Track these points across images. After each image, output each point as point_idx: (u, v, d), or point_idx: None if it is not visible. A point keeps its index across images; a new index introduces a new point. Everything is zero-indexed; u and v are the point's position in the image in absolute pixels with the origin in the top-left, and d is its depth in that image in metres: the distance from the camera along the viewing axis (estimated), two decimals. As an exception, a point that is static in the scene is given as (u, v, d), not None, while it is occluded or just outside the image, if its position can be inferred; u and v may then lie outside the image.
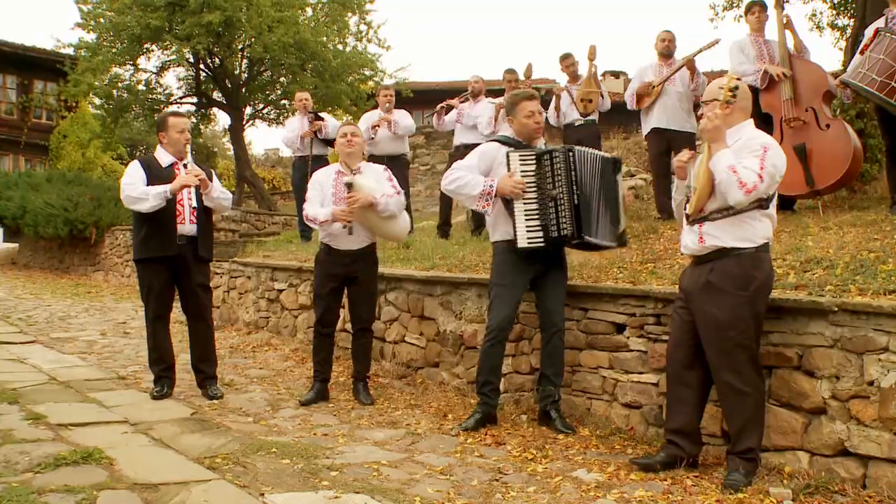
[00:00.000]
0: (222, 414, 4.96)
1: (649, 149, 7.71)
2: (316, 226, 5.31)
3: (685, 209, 3.86)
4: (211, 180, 5.38)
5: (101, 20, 14.35)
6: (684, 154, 3.99)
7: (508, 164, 4.53)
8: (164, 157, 5.31)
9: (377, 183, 5.30)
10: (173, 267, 5.29)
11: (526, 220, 4.48)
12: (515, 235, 4.49)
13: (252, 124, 19.01)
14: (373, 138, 8.69)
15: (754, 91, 6.41)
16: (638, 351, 4.45)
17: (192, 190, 5.24)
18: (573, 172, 4.49)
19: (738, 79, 3.85)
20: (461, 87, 8.74)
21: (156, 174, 5.22)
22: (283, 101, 17.57)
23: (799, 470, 3.61)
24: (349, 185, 5.11)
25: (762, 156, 3.60)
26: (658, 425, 4.30)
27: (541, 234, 4.48)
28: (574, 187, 4.48)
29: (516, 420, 4.78)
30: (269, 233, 12.67)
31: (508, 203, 4.53)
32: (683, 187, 3.99)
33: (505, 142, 4.73)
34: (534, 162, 4.53)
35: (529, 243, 4.48)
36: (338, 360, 6.29)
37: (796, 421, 3.67)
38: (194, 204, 5.27)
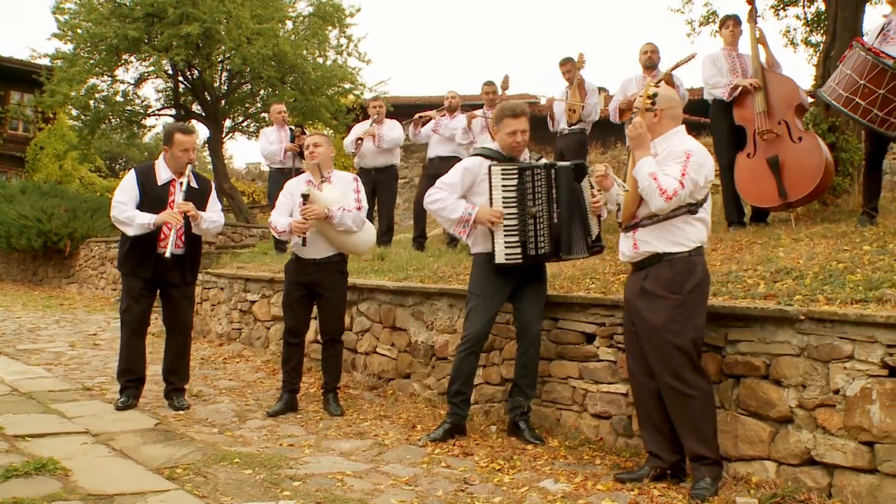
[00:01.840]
0: (187, 425, 4.87)
1: (629, 162, 7.70)
2: (276, 234, 5.32)
3: (617, 218, 3.90)
4: (209, 196, 5.36)
5: (79, 31, 14.20)
6: (601, 167, 4.01)
7: (490, 178, 4.49)
8: (162, 171, 5.26)
9: (342, 194, 5.26)
10: (157, 281, 5.26)
11: (505, 235, 4.45)
12: (493, 250, 4.46)
13: (231, 137, 18.92)
14: (354, 152, 8.66)
15: (728, 104, 6.46)
16: (607, 361, 4.42)
17: (182, 215, 5.14)
18: (554, 190, 4.46)
19: (657, 86, 3.88)
20: (441, 102, 8.71)
21: (149, 191, 5.18)
22: (262, 115, 17.47)
23: (766, 479, 3.58)
24: (305, 197, 5.08)
25: (684, 163, 3.65)
26: (627, 436, 4.27)
27: (519, 250, 4.45)
28: (554, 205, 4.45)
29: (485, 431, 4.73)
30: (246, 245, 12.54)
31: None
32: (612, 198, 4.06)
33: (488, 155, 4.66)
34: (515, 177, 4.48)
35: (507, 260, 4.45)
36: (309, 372, 6.22)
37: (763, 430, 3.64)
38: (183, 229, 5.19)
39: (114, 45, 13.95)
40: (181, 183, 5.22)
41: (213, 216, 5.33)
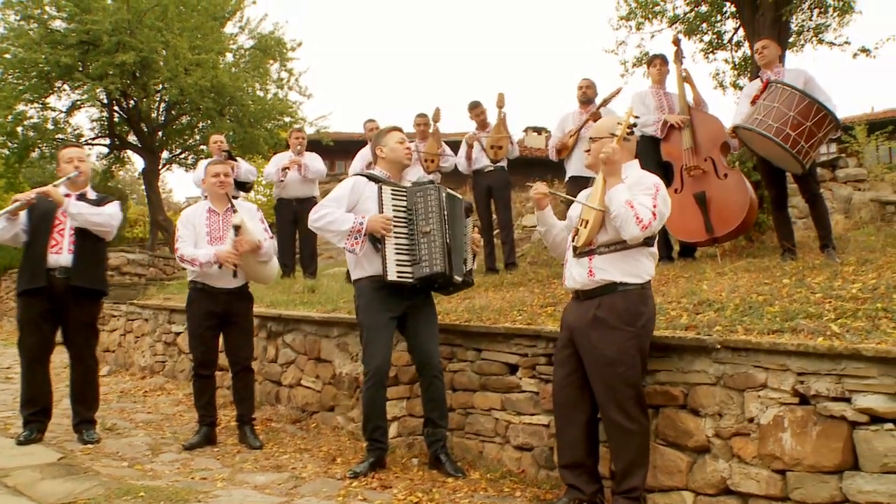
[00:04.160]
0: (95, 458, 4.64)
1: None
2: (194, 267, 5.06)
3: (573, 241, 3.82)
4: (104, 204, 5.15)
5: (7, 55, 13.82)
6: (543, 185, 3.99)
7: (381, 199, 4.41)
8: (62, 190, 5.10)
9: (253, 224, 5.19)
10: (53, 302, 4.97)
11: (396, 254, 4.33)
12: (385, 270, 4.30)
13: (168, 169, 18.61)
14: (282, 181, 8.54)
15: (656, 140, 6.57)
16: (530, 392, 4.36)
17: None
18: (444, 211, 4.41)
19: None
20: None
21: (40, 204, 5.00)
22: (201, 147, 17.26)
23: (684, 510, 3.54)
24: (237, 228, 4.96)
25: (654, 194, 3.62)
26: (549, 468, 4.20)
27: (410, 269, 4.34)
28: (445, 226, 4.39)
29: (407, 464, 4.60)
30: (177, 278, 12.28)
31: (377, 240, 4.37)
32: (545, 218, 4.03)
33: (372, 178, 4.61)
34: (405, 198, 4.45)
35: (399, 277, 4.30)
36: (231, 405, 6.01)
37: (681, 460, 3.61)
38: (74, 232, 5.00)
39: (45, 71, 13.63)
40: (77, 195, 5.11)
41: (86, 205, 5.06)
